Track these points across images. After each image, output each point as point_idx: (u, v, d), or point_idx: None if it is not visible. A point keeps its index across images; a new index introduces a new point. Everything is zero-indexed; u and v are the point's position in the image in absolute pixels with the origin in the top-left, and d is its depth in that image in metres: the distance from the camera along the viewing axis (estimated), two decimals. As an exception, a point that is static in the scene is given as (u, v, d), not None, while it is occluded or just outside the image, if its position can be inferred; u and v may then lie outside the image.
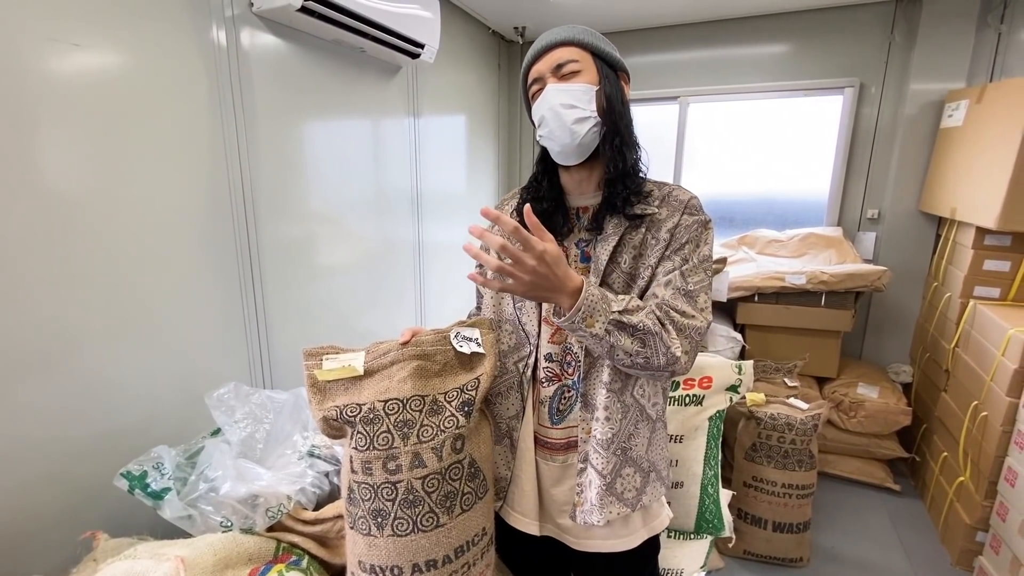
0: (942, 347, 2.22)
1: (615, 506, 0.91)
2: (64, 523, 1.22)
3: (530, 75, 0.92)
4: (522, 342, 0.93)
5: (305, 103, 1.79)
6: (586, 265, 0.91)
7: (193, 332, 1.50)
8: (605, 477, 0.90)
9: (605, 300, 0.77)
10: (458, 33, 2.61)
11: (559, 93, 0.86)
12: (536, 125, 0.92)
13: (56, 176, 1.15)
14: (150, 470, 1.08)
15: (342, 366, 0.82)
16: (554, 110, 0.86)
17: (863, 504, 2.24)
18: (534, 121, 0.93)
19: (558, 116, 0.86)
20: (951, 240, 2.27)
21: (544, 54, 0.89)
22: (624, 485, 0.92)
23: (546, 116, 0.87)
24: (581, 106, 0.86)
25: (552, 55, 0.88)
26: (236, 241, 1.59)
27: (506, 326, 0.95)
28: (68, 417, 1.23)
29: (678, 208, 0.87)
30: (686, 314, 0.82)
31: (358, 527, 0.78)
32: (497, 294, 0.95)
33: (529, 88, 0.93)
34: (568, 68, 0.87)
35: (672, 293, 0.83)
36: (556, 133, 0.87)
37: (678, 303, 0.82)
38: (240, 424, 1.27)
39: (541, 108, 0.88)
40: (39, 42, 1.10)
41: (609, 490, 0.90)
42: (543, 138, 0.91)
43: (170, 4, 1.34)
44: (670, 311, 0.81)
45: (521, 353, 0.93)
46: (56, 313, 1.18)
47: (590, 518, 0.90)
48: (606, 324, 0.76)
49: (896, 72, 2.48)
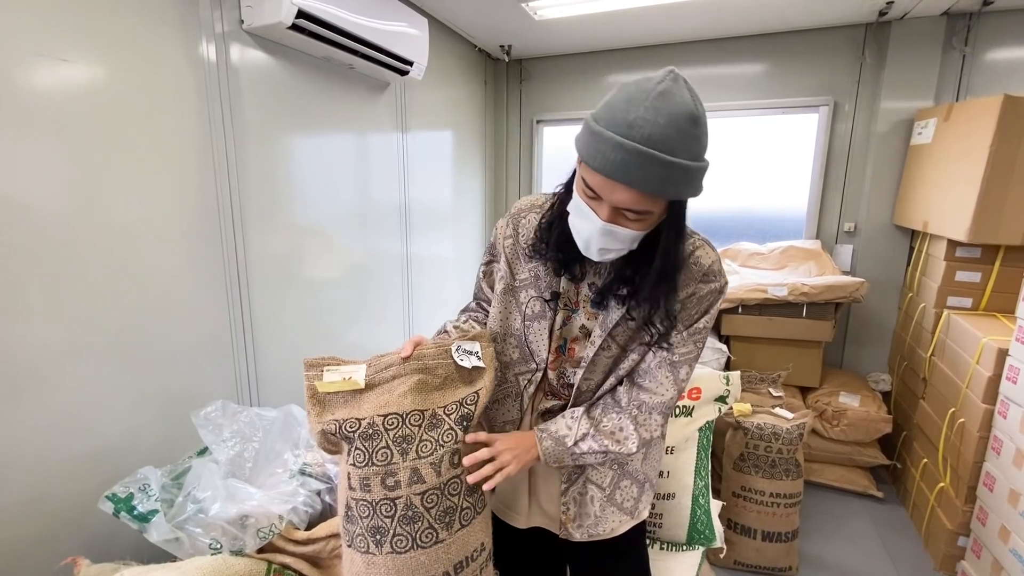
0: (919, 356, 2.28)
1: (616, 515, 0.94)
2: (43, 549, 1.18)
3: (590, 179, 0.72)
4: (527, 358, 0.93)
5: (294, 119, 1.80)
6: (595, 311, 0.88)
7: (178, 349, 1.47)
8: (605, 489, 0.93)
9: (561, 444, 0.86)
10: (445, 51, 2.65)
11: (605, 235, 0.75)
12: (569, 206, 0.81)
13: (36, 191, 1.14)
14: (136, 492, 1.06)
15: (343, 378, 0.82)
16: (592, 241, 0.76)
17: (848, 511, 2.28)
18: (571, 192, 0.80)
19: (593, 245, 0.77)
20: (924, 252, 2.36)
21: (615, 182, 0.68)
22: (623, 496, 0.95)
23: (581, 232, 0.78)
24: (622, 246, 0.77)
25: (625, 195, 0.69)
26: (223, 256, 1.58)
27: (510, 340, 0.95)
28: (47, 439, 1.20)
29: (696, 276, 0.83)
30: (656, 392, 0.87)
31: (356, 545, 0.77)
32: (505, 307, 0.94)
33: (582, 171, 0.75)
34: (632, 216, 0.73)
35: (657, 362, 0.87)
36: (584, 248, 0.79)
37: (656, 377, 0.87)
38: (228, 443, 1.25)
39: (581, 221, 0.77)
40: (26, 57, 1.09)
41: (610, 501, 0.93)
42: (572, 223, 0.80)
43: (160, 21, 1.34)
44: (640, 393, 0.88)
45: (524, 367, 0.93)
46: (35, 331, 1.15)
47: (595, 530, 0.92)
48: (570, 458, 0.87)
49: (868, 91, 2.58)
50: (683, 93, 0.68)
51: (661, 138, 0.65)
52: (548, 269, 0.89)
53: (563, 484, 0.94)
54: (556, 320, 0.90)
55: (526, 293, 0.91)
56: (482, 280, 1.02)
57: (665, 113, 0.65)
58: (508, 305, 0.94)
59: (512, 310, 0.94)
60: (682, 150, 0.67)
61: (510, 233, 0.93)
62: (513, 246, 0.93)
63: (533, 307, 0.90)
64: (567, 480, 0.93)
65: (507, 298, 0.94)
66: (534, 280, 0.90)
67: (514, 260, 0.93)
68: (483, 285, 1.03)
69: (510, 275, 0.93)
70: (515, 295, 0.93)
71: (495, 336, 0.94)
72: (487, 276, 1.02)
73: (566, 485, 0.94)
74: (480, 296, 1.05)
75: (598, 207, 0.74)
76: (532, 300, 0.90)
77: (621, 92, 0.69)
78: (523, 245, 0.91)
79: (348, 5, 1.67)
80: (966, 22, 2.33)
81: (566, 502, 0.93)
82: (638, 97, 0.66)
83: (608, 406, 0.90)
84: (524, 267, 0.91)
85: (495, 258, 0.99)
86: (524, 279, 0.91)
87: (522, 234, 0.92)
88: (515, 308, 0.93)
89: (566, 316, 0.91)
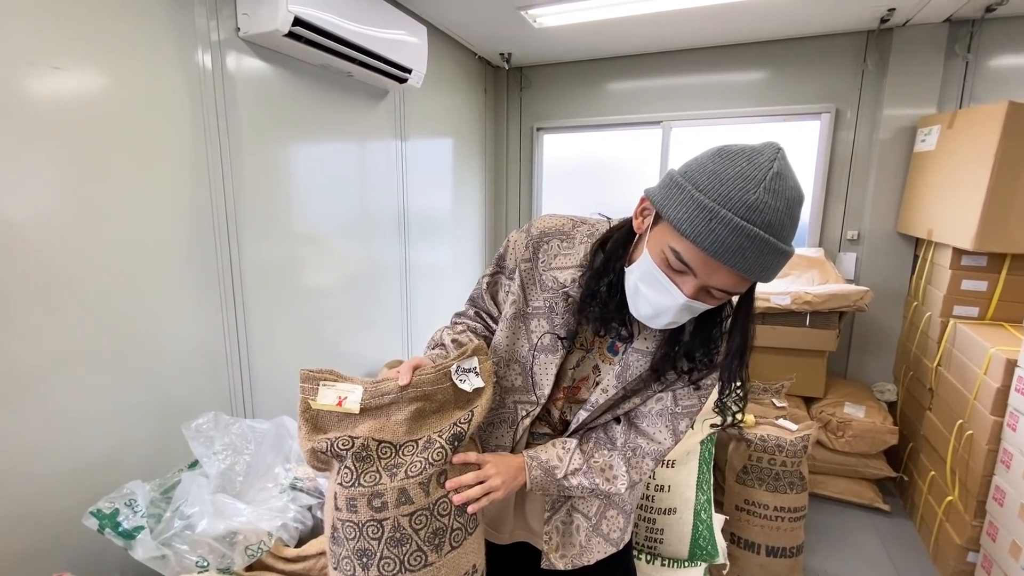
0: (925, 366, 2.24)
1: (602, 545, 0.93)
2: (30, 565, 1.16)
3: (687, 254, 0.66)
4: (528, 389, 0.89)
5: (291, 127, 1.78)
6: (611, 356, 0.86)
7: (170, 358, 1.45)
8: (591, 519, 0.92)
9: (550, 475, 0.84)
10: (445, 58, 2.65)
11: (683, 311, 0.70)
12: (642, 238, 0.74)
13: (27, 200, 1.12)
14: (122, 507, 1.03)
15: (338, 400, 0.78)
16: (664, 313, 0.72)
17: (854, 525, 2.23)
18: (646, 235, 0.73)
19: (663, 317, 0.73)
20: (929, 261, 2.32)
21: (730, 265, 0.63)
22: (610, 526, 0.94)
23: (652, 303, 0.72)
24: (690, 317, 0.74)
25: (726, 279, 0.65)
26: (218, 264, 1.56)
27: (514, 366, 0.90)
28: (35, 452, 1.17)
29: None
30: (654, 439, 0.85)
31: (342, 567, 0.74)
32: (513, 333, 0.89)
33: (671, 248, 0.67)
34: (718, 295, 0.70)
35: (659, 409, 0.85)
36: (647, 319, 0.75)
37: (656, 424, 0.85)
38: (219, 456, 1.23)
39: (656, 291, 0.71)
40: (17, 65, 1.08)
41: (596, 531, 0.91)
42: (632, 285, 0.75)
43: (155, 29, 1.34)
44: (638, 437, 0.86)
45: (522, 397, 0.89)
46: (22, 341, 1.13)
47: (579, 560, 0.91)
48: (557, 489, 0.85)
49: (870, 99, 2.56)
50: (793, 175, 0.64)
51: (779, 225, 0.62)
52: (568, 307, 0.83)
53: (547, 512, 0.90)
54: (569, 359, 0.87)
55: (538, 323, 0.86)
56: (485, 290, 0.96)
57: (784, 198, 0.62)
58: (517, 331, 0.89)
59: (520, 337, 0.88)
60: (791, 237, 0.65)
61: (528, 256, 0.86)
62: (531, 271, 0.87)
63: (544, 340, 0.86)
64: (551, 508, 0.90)
65: (517, 324, 0.88)
66: (548, 312, 0.85)
67: (529, 285, 0.87)
68: (486, 296, 0.96)
69: (523, 300, 0.87)
70: (526, 322, 0.88)
71: (498, 361, 0.90)
72: (491, 287, 0.95)
73: (549, 513, 0.90)
74: (479, 305, 0.98)
75: (683, 282, 0.68)
76: (545, 335, 0.86)
77: (729, 164, 0.63)
78: (542, 274, 0.86)
79: (346, 13, 1.66)
80: (969, 29, 2.31)
81: (549, 531, 0.90)
82: (754, 176, 0.61)
83: (601, 442, 0.87)
84: (540, 295, 0.86)
85: (503, 271, 0.93)
86: (538, 307, 0.86)
87: (542, 260, 0.85)
88: (524, 336, 0.88)
89: (581, 356, 0.88)
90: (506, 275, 0.92)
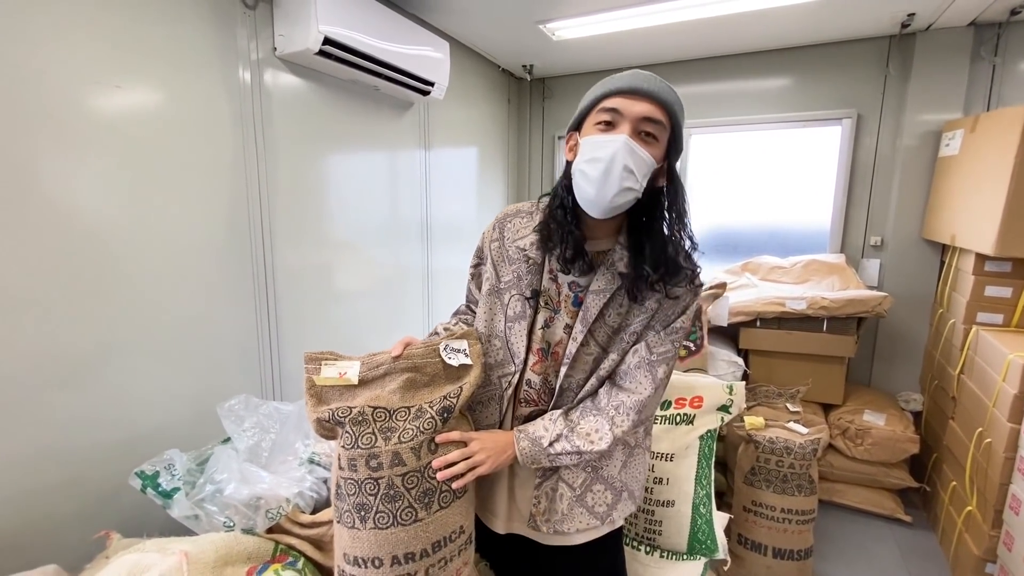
0: (948, 374, 2.19)
1: (585, 517, 0.96)
2: (83, 524, 1.31)
3: (609, 100, 0.83)
4: (507, 360, 0.97)
5: (321, 137, 1.93)
6: (576, 309, 0.93)
7: (210, 348, 1.60)
8: (575, 490, 0.96)
9: (537, 444, 0.90)
10: (468, 70, 2.77)
11: (628, 153, 0.81)
12: (581, 154, 0.86)
13: (89, 205, 1.29)
14: (162, 471, 1.17)
15: (339, 374, 0.89)
16: (615, 165, 0.81)
17: (872, 535, 2.19)
18: (581, 148, 0.86)
19: (614, 173, 0.81)
20: (953, 267, 2.28)
21: (637, 96, 0.82)
22: (595, 500, 0.97)
23: (601, 159, 0.81)
24: (637, 177, 0.82)
25: (644, 106, 0.82)
26: (253, 265, 1.71)
27: (495, 341, 0.98)
28: (90, 425, 1.33)
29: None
30: (635, 391, 0.91)
31: (343, 520, 0.84)
32: (491, 309, 0.99)
33: (598, 108, 0.85)
34: (650, 129, 0.83)
35: (636, 362, 0.91)
36: (601, 184, 0.82)
37: (636, 377, 0.91)
38: (248, 433, 1.35)
39: (602, 148, 0.82)
40: (87, 85, 1.25)
41: (579, 502, 0.96)
42: (581, 174, 0.85)
43: (202, 49, 1.50)
44: (620, 393, 0.92)
45: (505, 370, 0.97)
46: (83, 330, 1.29)
47: (560, 527, 0.95)
48: (546, 458, 0.91)
49: (893, 104, 2.54)
50: None
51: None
52: (531, 268, 0.94)
53: (537, 479, 0.97)
54: (537, 320, 0.94)
55: (509, 294, 0.96)
56: (470, 282, 1.08)
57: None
58: (493, 306, 0.99)
59: (497, 311, 0.98)
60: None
61: (496, 236, 1.00)
62: (500, 248, 0.99)
63: (515, 307, 0.95)
64: (541, 475, 0.96)
65: (492, 299, 0.99)
66: (516, 281, 0.95)
67: (499, 262, 0.98)
68: (471, 287, 1.08)
69: (495, 276, 0.98)
70: (500, 296, 0.98)
71: (481, 337, 0.99)
72: (475, 279, 1.08)
73: (540, 480, 0.96)
74: (470, 299, 1.10)
75: (618, 130, 0.83)
76: (513, 299, 0.95)
77: None
78: (508, 248, 0.97)
79: (372, 31, 1.80)
80: (995, 31, 2.27)
81: (538, 495, 0.96)
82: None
83: (587, 409, 0.93)
84: (508, 269, 0.97)
85: (482, 261, 1.05)
86: (508, 280, 0.96)
87: (508, 237, 0.98)
88: (499, 309, 0.98)
89: (548, 316, 0.94)
90: (483, 262, 1.03)
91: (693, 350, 2.25)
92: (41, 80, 1.17)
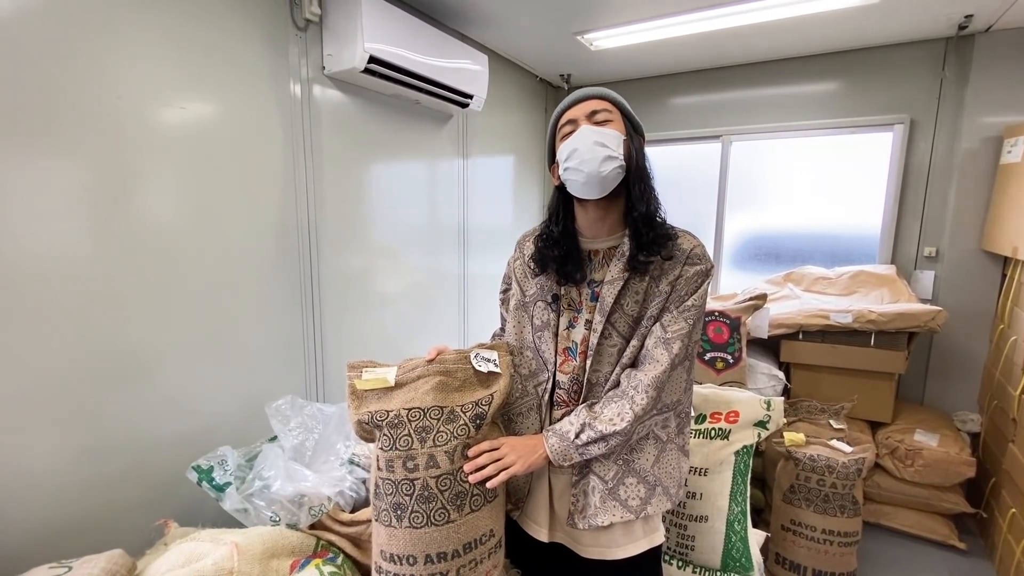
0: (1009, 394, 2.07)
1: (618, 510, 0.97)
2: (144, 511, 1.41)
3: (563, 118, 1.01)
4: (541, 368, 1.03)
5: (365, 149, 2.02)
6: (595, 304, 0.99)
7: (259, 351, 1.70)
8: (607, 483, 0.98)
9: (565, 439, 0.94)
10: (506, 81, 2.82)
11: (593, 132, 0.95)
12: (561, 161, 0.98)
13: (157, 215, 1.40)
14: (216, 466, 1.25)
15: (377, 378, 0.95)
16: (587, 143, 0.94)
17: (922, 561, 2.09)
18: (559, 160, 0.99)
19: (590, 149, 0.93)
20: (1016, 280, 2.15)
21: (579, 103, 0.99)
22: (628, 492, 0.98)
23: (578, 148, 0.94)
24: (611, 147, 0.94)
25: (587, 104, 0.98)
26: (300, 272, 1.80)
27: (527, 352, 1.05)
28: (151, 420, 1.44)
29: (680, 259, 0.96)
30: (650, 368, 0.94)
31: (381, 519, 0.88)
32: (519, 322, 1.07)
33: (560, 129, 1.01)
34: (601, 116, 0.97)
35: (654, 342, 0.95)
36: (586, 163, 0.93)
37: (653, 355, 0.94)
38: (293, 432, 1.43)
39: (573, 143, 0.95)
40: (157, 107, 1.36)
41: (612, 495, 0.97)
42: (569, 170, 0.96)
43: (258, 68, 1.60)
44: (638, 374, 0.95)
45: (540, 378, 1.03)
46: (148, 330, 1.40)
47: (594, 520, 0.97)
48: (576, 453, 0.94)
49: (949, 108, 2.42)
50: None
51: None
52: (550, 278, 1.02)
53: (574, 478, 1.00)
54: (561, 322, 1.01)
55: (535, 305, 1.04)
56: (501, 307, 1.18)
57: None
58: (521, 320, 1.07)
59: (525, 324, 1.06)
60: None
61: (517, 256, 1.12)
62: (522, 267, 1.09)
63: (540, 316, 1.02)
64: (577, 474, 1.00)
65: (519, 313, 1.07)
66: (540, 292, 1.03)
67: (523, 279, 1.07)
68: (503, 312, 1.18)
69: (520, 292, 1.07)
70: (527, 310, 1.06)
71: (513, 350, 1.06)
72: (504, 303, 1.17)
73: (576, 478, 1.00)
74: (503, 321, 1.19)
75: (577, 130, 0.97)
76: (539, 309, 1.03)
77: None
78: (527, 263, 1.06)
79: (414, 48, 1.88)
80: (1063, 32, 2.14)
81: (575, 493, 0.99)
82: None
83: (609, 397, 0.96)
84: (532, 283, 1.05)
85: (509, 285, 1.15)
86: (532, 293, 1.05)
87: (526, 255, 1.09)
88: (527, 321, 1.05)
89: (572, 317, 1.01)
90: (510, 287, 1.12)
91: (731, 362, 2.21)
92: (118, 104, 1.28)
